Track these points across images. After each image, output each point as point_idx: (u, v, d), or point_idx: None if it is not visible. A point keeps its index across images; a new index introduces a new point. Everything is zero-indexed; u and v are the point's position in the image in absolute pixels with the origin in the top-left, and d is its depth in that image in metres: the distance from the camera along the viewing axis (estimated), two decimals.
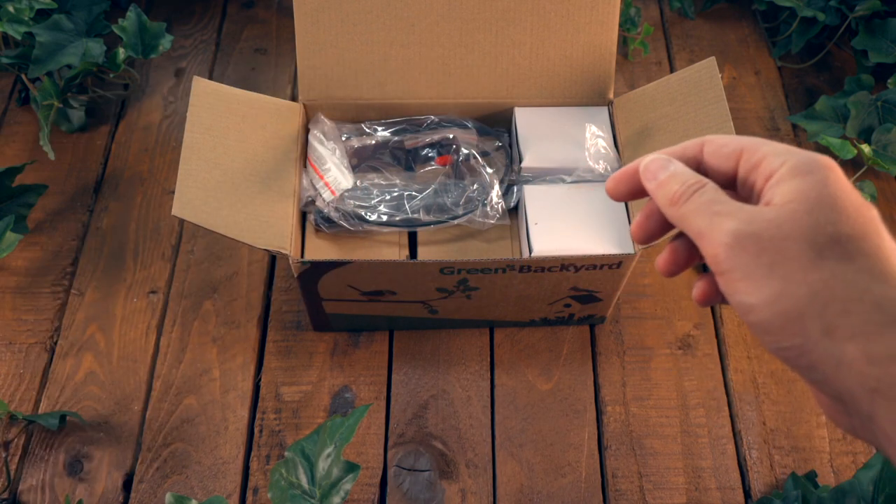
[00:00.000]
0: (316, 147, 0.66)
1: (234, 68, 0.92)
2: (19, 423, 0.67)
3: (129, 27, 0.83)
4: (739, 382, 0.70)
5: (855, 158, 0.78)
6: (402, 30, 0.65)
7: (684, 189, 0.31)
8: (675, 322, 0.73)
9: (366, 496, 0.64)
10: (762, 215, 0.29)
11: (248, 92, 0.63)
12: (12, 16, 0.80)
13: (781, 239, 0.28)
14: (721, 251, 0.29)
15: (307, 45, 0.65)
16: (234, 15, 0.97)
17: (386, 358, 0.71)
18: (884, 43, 0.84)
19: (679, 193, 0.31)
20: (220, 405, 0.68)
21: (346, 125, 0.70)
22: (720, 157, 0.32)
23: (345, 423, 0.54)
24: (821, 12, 0.86)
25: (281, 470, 0.54)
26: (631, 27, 0.93)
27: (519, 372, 0.70)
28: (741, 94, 0.90)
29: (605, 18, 0.65)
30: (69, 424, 0.67)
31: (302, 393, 0.69)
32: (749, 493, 0.64)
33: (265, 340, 0.72)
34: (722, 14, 0.98)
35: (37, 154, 0.83)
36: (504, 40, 0.66)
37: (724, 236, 0.29)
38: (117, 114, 0.88)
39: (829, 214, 0.28)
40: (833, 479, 0.65)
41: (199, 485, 0.64)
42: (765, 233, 0.28)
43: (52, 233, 0.78)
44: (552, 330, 0.72)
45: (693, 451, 0.66)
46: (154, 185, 0.82)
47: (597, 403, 0.69)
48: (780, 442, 0.67)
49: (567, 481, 0.65)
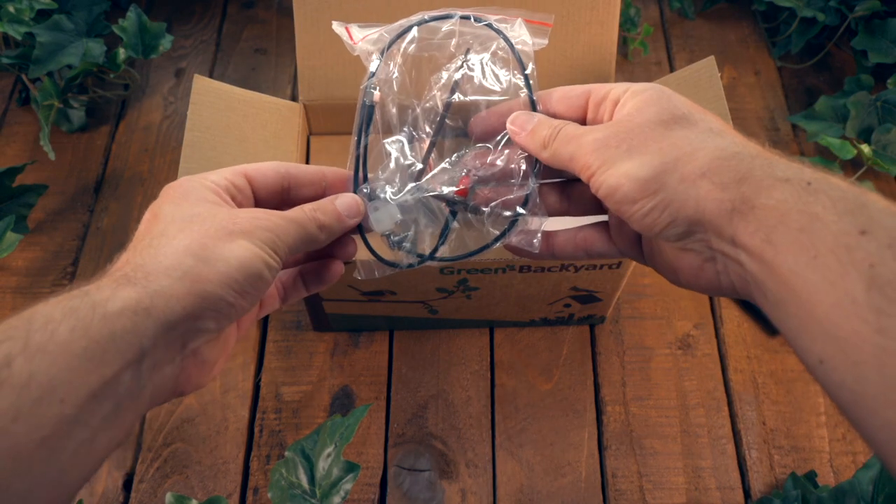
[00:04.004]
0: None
1: (234, 68, 0.92)
2: None
3: (129, 27, 0.83)
4: (739, 382, 0.70)
5: (855, 158, 0.78)
6: None
7: (551, 131, 0.37)
8: (675, 322, 0.73)
9: (366, 496, 0.64)
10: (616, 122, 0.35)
11: (248, 91, 0.63)
12: (13, 16, 0.80)
13: (634, 127, 0.33)
14: (588, 157, 0.34)
15: (307, 45, 0.65)
16: (234, 15, 0.97)
17: (386, 358, 0.71)
18: (883, 43, 0.84)
19: (547, 136, 0.37)
20: (221, 405, 0.68)
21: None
22: (569, 100, 0.38)
23: (345, 423, 0.54)
24: (821, 12, 0.86)
25: (281, 470, 0.54)
26: (631, 27, 0.93)
27: (519, 372, 0.70)
28: (741, 94, 0.90)
29: (605, 18, 0.65)
30: None
31: (302, 393, 0.69)
32: (749, 493, 0.64)
33: (265, 340, 0.72)
34: (722, 14, 0.98)
35: (37, 154, 0.83)
36: None
37: (588, 145, 0.34)
38: (117, 114, 0.88)
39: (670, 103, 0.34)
40: (833, 479, 0.65)
41: (200, 485, 0.64)
42: (619, 128, 0.34)
43: (52, 233, 0.78)
44: (552, 330, 0.72)
45: (693, 451, 0.66)
46: (154, 185, 0.82)
47: (597, 403, 0.69)
48: (780, 442, 0.67)
49: (567, 481, 0.65)
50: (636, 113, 0.34)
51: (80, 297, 0.29)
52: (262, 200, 0.39)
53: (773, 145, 0.86)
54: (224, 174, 0.37)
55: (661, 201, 0.31)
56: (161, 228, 0.33)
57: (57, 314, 0.28)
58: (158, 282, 0.30)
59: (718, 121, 0.34)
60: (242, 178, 0.37)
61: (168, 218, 0.34)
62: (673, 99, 0.34)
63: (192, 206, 0.34)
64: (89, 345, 0.28)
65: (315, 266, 0.42)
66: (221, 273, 0.32)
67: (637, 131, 0.33)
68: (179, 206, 0.34)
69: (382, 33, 0.42)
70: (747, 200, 0.29)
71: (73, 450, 0.27)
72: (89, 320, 0.28)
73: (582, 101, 0.37)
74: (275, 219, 0.35)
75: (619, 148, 0.33)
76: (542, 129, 0.37)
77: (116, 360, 0.28)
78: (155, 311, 0.30)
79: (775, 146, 0.85)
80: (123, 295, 0.29)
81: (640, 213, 0.32)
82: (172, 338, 0.31)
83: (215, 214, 0.34)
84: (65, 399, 0.27)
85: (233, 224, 0.33)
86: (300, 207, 0.37)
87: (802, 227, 0.28)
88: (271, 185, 0.39)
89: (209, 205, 0.34)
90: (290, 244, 0.35)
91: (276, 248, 0.34)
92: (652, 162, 0.32)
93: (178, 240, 0.32)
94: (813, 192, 0.28)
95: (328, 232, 0.37)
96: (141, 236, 0.34)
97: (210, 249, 0.32)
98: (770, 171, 0.30)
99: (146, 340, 0.29)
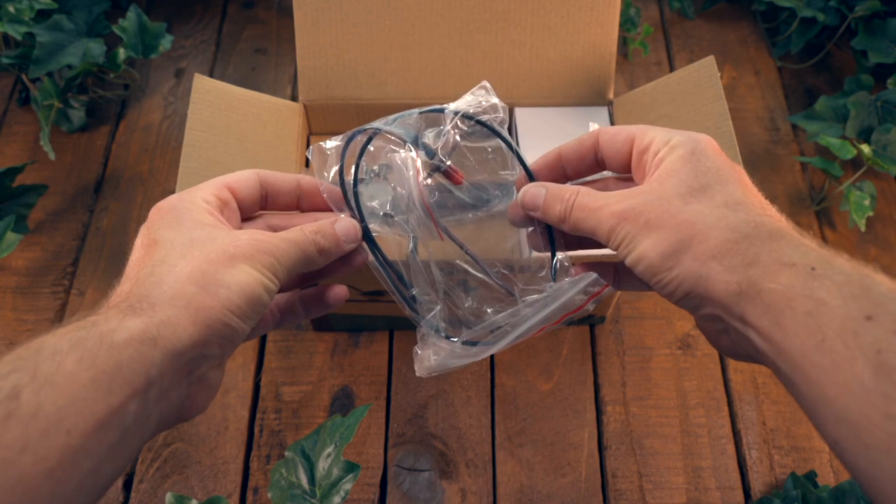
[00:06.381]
0: None
1: (235, 68, 0.92)
2: None
3: (129, 27, 0.83)
4: (739, 382, 0.70)
5: (855, 158, 0.78)
6: (402, 30, 0.65)
7: (564, 205, 0.37)
8: (675, 322, 0.73)
9: (366, 496, 0.64)
10: (637, 191, 0.35)
11: (249, 91, 0.63)
12: (13, 16, 0.80)
13: (653, 201, 0.34)
14: (612, 230, 0.34)
15: (307, 45, 0.65)
16: (234, 15, 0.97)
17: (386, 358, 0.71)
18: (883, 43, 0.84)
19: (561, 211, 0.37)
20: (221, 405, 0.68)
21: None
22: (615, 144, 0.38)
23: (345, 423, 0.54)
24: (820, 12, 0.86)
25: (281, 470, 0.54)
26: (631, 27, 0.93)
27: (519, 372, 0.70)
28: (741, 94, 0.90)
29: (605, 19, 0.65)
30: None
31: (302, 393, 0.69)
32: (749, 492, 0.64)
33: (265, 340, 0.72)
34: (722, 14, 0.98)
35: (37, 154, 0.83)
36: (504, 40, 0.66)
37: (610, 219, 0.34)
38: (117, 114, 0.88)
39: (693, 173, 0.34)
40: (833, 479, 0.65)
41: (200, 484, 0.64)
42: (640, 202, 0.34)
43: (52, 233, 0.78)
44: (552, 330, 0.72)
45: (693, 451, 0.66)
46: (154, 185, 0.82)
47: (597, 403, 0.69)
48: (780, 442, 0.67)
49: (567, 481, 0.65)
50: (658, 183, 0.34)
51: (88, 328, 0.29)
52: (244, 210, 0.39)
53: (773, 145, 0.86)
54: (211, 191, 0.37)
55: (676, 276, 0.33)
56: (161, 255, 0.33)
57: (65, 345, 0.28)
58: (164, 311, 0.31)
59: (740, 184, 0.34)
60: (227, 192, 0.38)
61: (168, 244, 0.34)
62: (703, 160, 0.34)
63: (190, 229, 0.34)
64: (97, 375, 0.28)
65: (316, 291, 0.42)
66: (224, 300, 0.32)
67: (656, 204, 0.34)
68: (177, 231, 0.34)
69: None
70: (754, 284, 0.30)
71: (78, 480, 0.27)
72: (96, 350, 0.28)
73: (627, 147, 0.38)
74: (275, 241, 0.35)
75: (638, 221, 0.34)
76: (555, 204, 0.37)
77: (123, 389, 0.28)
78: (161, 341, 0.30)
79: (775, 146, 0.86)
80: (130, 325, 0.30)
81: (660, 284, 0.34)
82: (179, 366, 0.31)
83: (214, 238, 0.34)
84: (71, 430, 0.27)
85: (234, 248, 0.34)
86: (300, 229, 0.37)
87: (809, 312, 0.29)
88: (252, 196, 0.39)
89: (207, 228, 0.35)
90: (289, 266, 0.36)
91: (275, 272, 0.34)
92: (669, 239, 0.33)
93: (180, 267, 0.32)
94: (817, 277, 0.29)
95: (326, 256, 0.38)
96: (140, 263, 0.34)
97: (211, 276, 0.32)
98: (777, 257, 0.31)
99: (153, 370, 0.30)
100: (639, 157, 0.37)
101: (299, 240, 0.36)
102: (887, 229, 0.80)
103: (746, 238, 0.32)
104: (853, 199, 0.76)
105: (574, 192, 0.37)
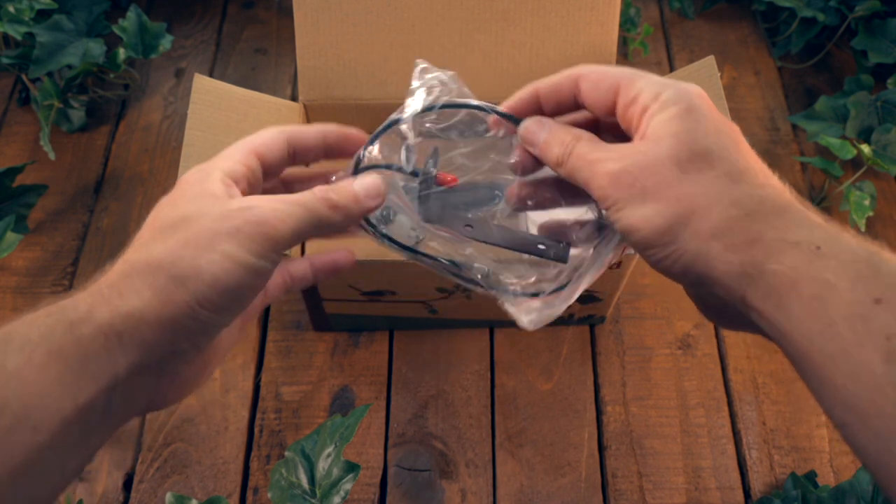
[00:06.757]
0: None
1: (234, 68, 0.92)
2: None
3: (129, 27, 0.83)
4: (739, 382, 0.70)
5: (855, 158, 0.78)
6: (402, 30, 0.65)
7: (562, 150, 0.35)
8: (675, 322, 0.73)
9: (366, 496, 0.64)
10: (632, 150, 0.32)
11: (249, 91, 0.63)
12: (13, 16, 0.80)
13: (649, 166, 0.31)
14: (604, 191, 0.32)
15: (307, 45, 0.65)
16: (234, 15, 0.97)
17: (386, 358, 0.71)
18: (883, 43, 0.84)
19: (559, 155, 0.35)
20: (221, 405, 0.68)
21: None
22: (598, 92, 0.36)
23: (345, 423, 0.54)
24: (821, 12, 0.86)
25: (281, 470, 0.54)
26: (631, 27, 0.93)
27: (519, 372, 0.70)
28: (741, 94, 0.90)
29: (605, 19, 0.65)
30: None
31: (302, 393, 0.69)
32: (749, 492, 0.64)
33: (265, 340, 0.72)
34: (722, 14, 0.98)
35: (37, 154, 0.83)
36: (504, 41, 0.66)
37: (603, 178, 0.32)
38: (118, 114, 0.88)
39: (691, 135, 0.31)
40: (833, 479, 0.65)
41: (200, 485, 0.64)
42: (635, 165, 0.32)
43: (52, 233, 0.78)
44: (552, 330, 0.72)
45: (693, 451, 0.66)
46: (154, 185, 0.82)
47: (597, 403, 0.69)
48: (780, 442, 0.67)
49: (567, 481, 0.65)
50: (654, 143, 0.32)
51: (57, 315, 0.29)
52: (271, 173, 0.37)
53: (773, 145, 0.86)
54: (237, 159, 0.34)
55: (673, 251, 0.31)
56: (149, 236, 0.32)
57: (34, 335, 0.28)
58: (129, 302, 0.29)
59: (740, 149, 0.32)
60: (254, 159, 0.35)
61: (159, 223, 0.32)
62: (701, 121, 0.32)
63: (188, 203, 0.32)
64: (64, 370, 0.27)
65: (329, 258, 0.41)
66: (194, 292, 0.29)
67: (652, 170, 0.31)
68: (175, 207, 0.32)
69: None
70: (757, 265, 0.29)
71: (43, 476, 0.27)
72: (64, 343, 0.28)
73: (611, 96, 0.35)
74: (272, 205, 0.32)
75: (633, 188, 0.31)
76: (554, 145, 0.35)
77: (90, 386, 0.28)
78: (126, 337, 0.29)
79: (775, 146, 0.86)
80: (97, 317, 0.29)
81: (654, 257, 0.32)
82: (146, 362, 0.30)
83: (205, 215, 0.31)
84: (38, 426, 0.27)
85: (220, 224, 0.31)
86: (311, 190, 0.34)
87: (815, 295, 0.27)
88: (279, 158, 0.36)
89: (206, 200, 0.32)
90: (295, 229, 0.32)
91: (268, 246, 0.31)
92: (666, 212, 0.31)
93: (157, 252, 0.30)
94: (822, 256, 0.28)
95: (344, 213, 0.34)
96: (135, 241, 0.32)
97: (186, 262, 0.30)
98: (781, 235, 0.29)
99: (119, 368, 0.29)
100: (625, 110, 0.34)
101: (306, 199, 0.33)
102: (887, 229, 0.80)
103: (749, 215, 0.30)
104: (853, 199, 0.76)
105: (575, 137, 0.35)
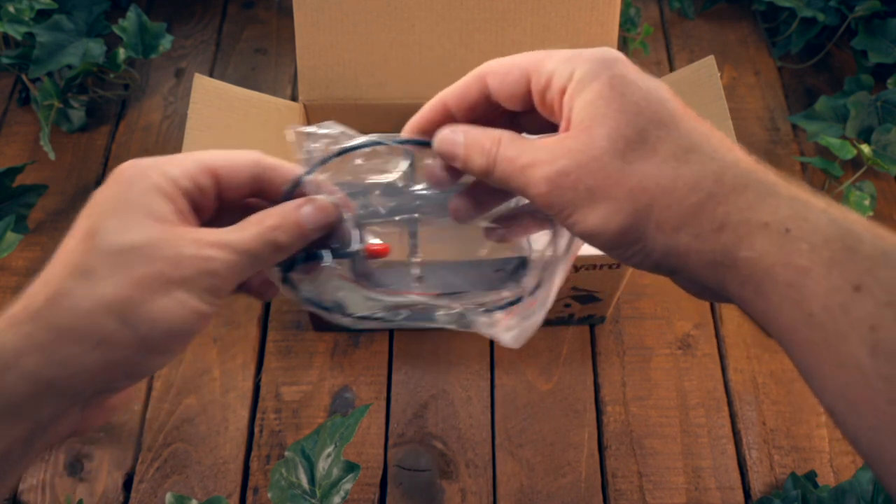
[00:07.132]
0: None
1: (235, 68, 0.92)
2: None
3: (129, 27, 0.83)
4: (739, 382, 0.70)
5: (855, 158, 0.78)
6: (402, 30, 0.65)
7: (485, 159, 0.31)
8: (675, 322, 0.73)
9: (366, 496, 0.64)
10: (564, 147, 0.29)
11: (249, 91, 0.63)
12: (13, 16, 0.80)
13: (587, 162, 0.28)
14: (545, 198, 0.29)
15: (307, 45, 0.65)
16: (234, 15, 0.97)
17: (386, 358, 0.71)
18: (883, 43, 0.84)
19: (482, 165, 0.31)
20: (221, 405, 0.68)
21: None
22: (508, 85, 0.31)
23: (345, 423, 0.54)
24: (821, 12, 0.86)
25: (281, 470, 0.54)
26: (631, 27, 0.93)
27: (519, 372, 0.70)
28: (741, 94, 0.90)
29: (605, 19, 0.65)
30: None
31: (302, 393, 0.69)
32: (749, 492, 0.64)
33: (265, 340, 0.72)
34: (722, 14, 0.98)
35: (37, 154, 0.83)
36: (504, 40, 0.66)
37: (540, 184, 0.29)
38: (118, 114, 0.88)
39: (622, 117, 0.28)
40: (833, 479, 0.65)
41: (200, 485, 0.64)
42: (572, 164, 0.28)
43: (52, 233, 0.78)
44: (552, 330, 0.72)
45: (693, 451, 0.66)
46: None
47: (597, 403, 0.69)
48: (780, 442, 0.67)
49: (567, 481, 0.65)
50: (585, 134, 0.28)
51: None
52: (228, 200, 0.34)
53: (773, 145, 0.86)
54: (188, 169, 0.31)
55: (640, 249, 0.29)
56: (90, 263, 0.28)
57: None
58: (67, 349, 0.27)
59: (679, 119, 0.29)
60: (208, 178, 0.32)
61: (101, 247, 0.28)
62: (627, 96, 0.28)
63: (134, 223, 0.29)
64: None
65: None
66: (144, 337, 0.28)
67: (592, 167, 0.28)
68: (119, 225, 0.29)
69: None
70: (728, 253, 0.27)
71: None
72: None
73: (523, 86, 0.31)
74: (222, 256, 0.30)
75: (577, 190, 0.28)
76: (474, 157, 0.31)
77: (9, 434, 0.27)
78: (58, 384, 0.27)
79: (775, 146, 0.86)
80: (24, 364, 0.26)
81: (622, 257, 0.30)
82: (74, 403, 0.28)
83: (156, 249, 0.28)
84: None
85: (173, 269, 0.28)
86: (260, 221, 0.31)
87: (790, 283, 0.26)
88: (241, 185, 0.33)
89: (154, 228, 0.29)
90: (238, 278, 0.31)
91: (217, 293, 0.30)
92: (622, 210, 0.28)
93: (103, 290, 0.27)
94: (793, 239, 0.26)
95: (288, 252, 0.33)
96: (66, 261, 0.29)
97: (137, 305, 0.27)
98: (746, 217, 0.27)
99: (44, 415, 0.27)
100: (541, 97, 0.31)
101: (252, 247, 0.31)
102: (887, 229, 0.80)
103: (711, 197, 0.27)
104: (853, 199, 0.76)
105: (495, 142, 0.30)
